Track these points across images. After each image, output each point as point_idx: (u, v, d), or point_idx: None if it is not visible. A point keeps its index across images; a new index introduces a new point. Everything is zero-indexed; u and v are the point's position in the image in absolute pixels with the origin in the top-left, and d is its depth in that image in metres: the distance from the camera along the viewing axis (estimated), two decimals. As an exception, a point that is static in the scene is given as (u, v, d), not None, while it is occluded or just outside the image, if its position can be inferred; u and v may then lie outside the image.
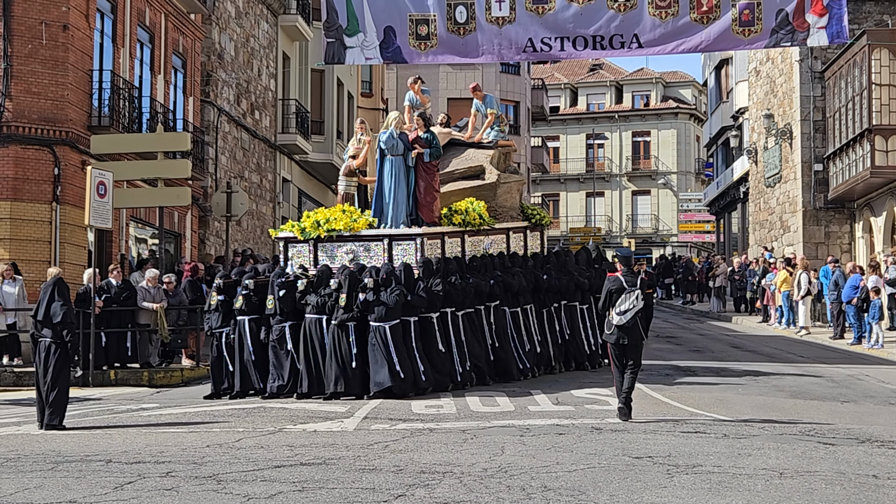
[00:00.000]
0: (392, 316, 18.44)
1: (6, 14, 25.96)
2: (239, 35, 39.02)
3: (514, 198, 23.61)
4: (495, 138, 23.42)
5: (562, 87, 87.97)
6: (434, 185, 20.93)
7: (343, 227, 20.14)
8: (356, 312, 18.57)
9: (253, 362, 19.63)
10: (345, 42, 25.06)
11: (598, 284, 21.78)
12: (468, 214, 21.24)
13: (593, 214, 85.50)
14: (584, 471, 11.23)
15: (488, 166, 22.89)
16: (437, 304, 19.21)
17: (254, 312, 19.74)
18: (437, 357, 19.07)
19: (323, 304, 18.95)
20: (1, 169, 25.82)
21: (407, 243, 20.06)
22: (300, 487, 10.58)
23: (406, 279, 18.93)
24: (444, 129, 23.71)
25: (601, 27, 23.75)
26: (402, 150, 20.56)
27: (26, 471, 11.95)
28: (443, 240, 20.63)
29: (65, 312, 15.85)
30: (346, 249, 20.20)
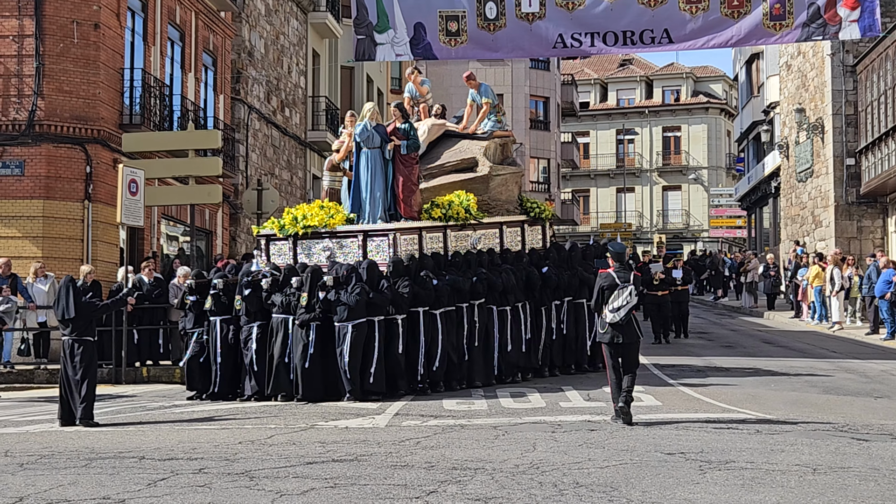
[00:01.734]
0: (354, 315, 17.69)
1: (38, 13, 26.10)
2: (269, 32, 39.10)
3: (510, 190, 22.65)
4: (492, 129, 22.60)
5: (592, 82, 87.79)
6: (413, 179, 20.16)
7: (318, 223, 19.51)
8: (317, 312, 17.93)
9: (220, 364, 19.02)
10: (375, 39, 25.07)
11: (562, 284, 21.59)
12: (451, 208, 20.30)
13: (624, 210, 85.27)
14: (616, 467, 11.20)
15: (481, 158, 22.00)
16: (404, 305, 18.31)
17: (224, 313, 19.16)
18: (394, 360, 18.14)
19: (288, 304, 18.35)
20: (33, 167, 25.97)
21: (381, 239, 19.33)
22: (332, 484, 10.59)
23: (370, 277, 18.07)
24: (439, 120, 22.88)
25: (631, 22, 23.65)
26: (378, 142, 19.81)
27: (60, 467, 12.02)
28: (420, 235, 19.76)
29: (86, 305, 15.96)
30: (323, 246, 19.59)
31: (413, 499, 9.85)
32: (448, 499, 9.82)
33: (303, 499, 9.95)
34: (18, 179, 25.96)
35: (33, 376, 23.15)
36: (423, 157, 21.77)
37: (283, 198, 38.43)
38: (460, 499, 9.82)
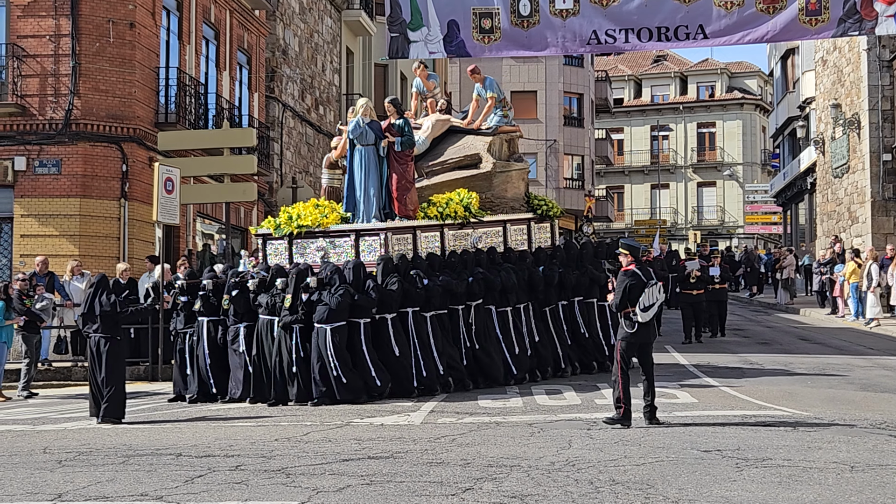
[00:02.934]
0: (335, 318, 17.12)
1: (74, 13, 26.27)
2: (303, 31, 39.19)
3: (516, 187, 21.90)
4: (497, 124, 21.82)
5: (626, 78, 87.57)
6: (408, 176, 19.47)
7: (311, 222, 19.03)
8: (301, 314, 17.41)
9: (209, 365, 18.59)
10: (408, 36, 25.10)
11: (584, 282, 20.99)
12: (448, 206, 19.69)
13: (658, 207, 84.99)
14: (652, 464, 11.18)
15: (485, 154, 21.30)
16: (393, 305, 17.75)
17: (213, 314, 18.74)
18: (394, 362, 17.61)
19: (274, 305, 17.85)
20: (70, 166, 26.13)
21: (373, 239, 18.78)
22: (368, 481, 10.61)
23: (355, 278, 17.56)
24: (444, 115, 22.13)
25: (666, 18, 23.57)
26: (372, 139, 19.19)
27: (98, 464, 12.09)
28: (415, 235, 19.17)
29: (112, 303, 15.97)
30: (318, 246, 19.12)
31: (449, 496, 9.86)
32: (484, 496, 9.82)
33: (339, 496, 9.97)
34: (55, 178, 26.14)
35: (70, 373, 23.30)
36: (427, 153, 21.42)
37: (317, 195, 38.48)
38: (496, 496, 9.82)
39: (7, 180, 26.15)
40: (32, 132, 26.29)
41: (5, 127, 26.31)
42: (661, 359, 23.33)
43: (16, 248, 25.99)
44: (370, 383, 17.34)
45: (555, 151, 62.42)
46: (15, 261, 25.60)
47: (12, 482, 11.11)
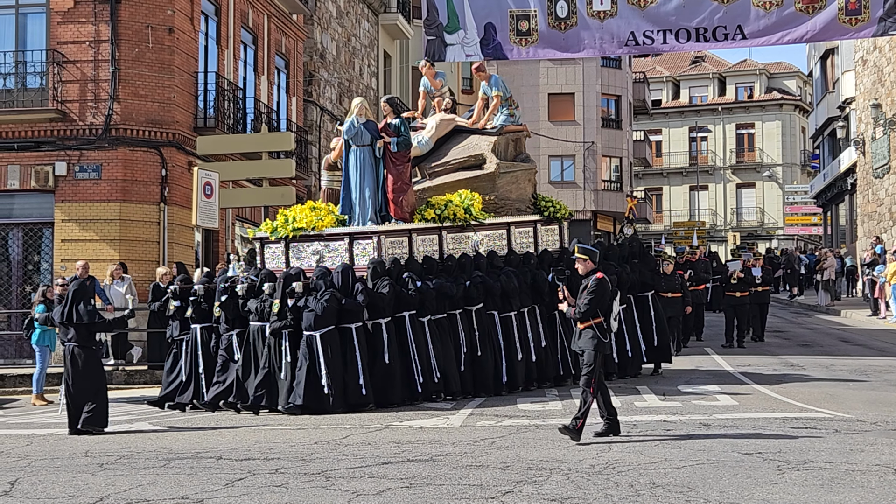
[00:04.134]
0: (322, 323, 16.72)
1: (113, 19, 26.41)
2: (340, 34, 39.28)
3: (522, 188, 21.24)
4: (503, 123, 21.12)
5: (664, 80, 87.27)
6: (404, 178, 18.93)
7: (306, 225, 18.48)
8: (289, 320, 17.00)
9: (203, 373, 18.25)
10: (445, 39, 25.10)
11: (634, 281, 20.63)
12: (447, 209, 19.01)
13: (697, 208, 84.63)
14: (692, 467, 11.13)
15: (489, 154, 20.60)
16: (386, 309, 17.26)
17: (205, 320, 18.46)
18: (382, 369, 17.15)
19: (262, 311, 17.47)
20: (110, 171, 26.28)
21: (367, 242, 18.20)
22: (408, 484, 10.62)
23: (343, 282, 17.12)
24: (448, 115, 21.38)
25: (704, 19, 23.47)
26: (368, 139, 18.64)
27: (139, 467, 12.16)
28: (410, 237, 18.58)
29: (89, 312, 15.58)
30: (313, 250, 18.55)
31: (489, 499, 9.85)
32: (524, 499, 9.81)
33: (379, 499, 9.99)
34: (96, 183, 26.29)
35: (111, 377, 23.39)
36: (431, 154, 20.93)
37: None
38: (536, 499, 9.80)
39: (48, 185, 26.32)
40: (73, 137, 26.45)
41: (46, 133, 26.48)
42: (702, 361, 23.26)
43: (57, 253, 26.15)
44: (356, 393, 16.84)
45: (592, 153, 62.24)
46: (56, 265, 25.77)
47: (54, 485, 11.19)
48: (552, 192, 60.94)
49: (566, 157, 62.23)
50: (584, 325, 13.31)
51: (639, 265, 21.14)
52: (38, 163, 26.39)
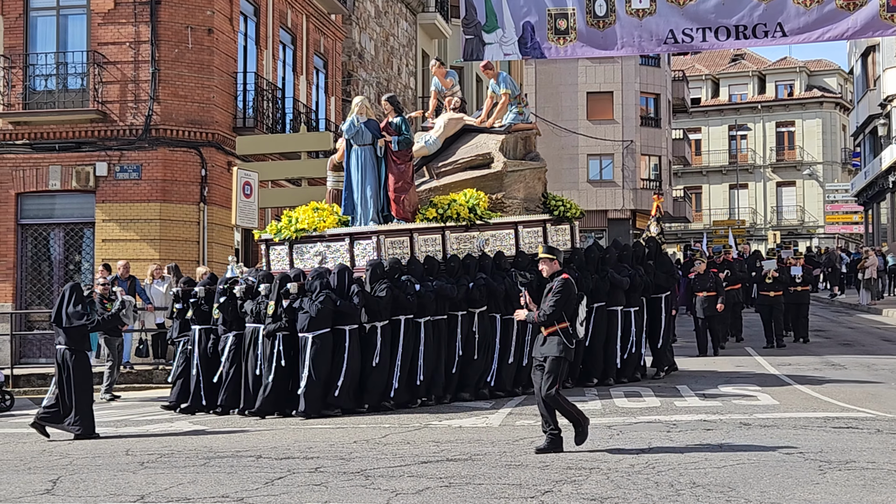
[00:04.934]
0: (316, 325, 16.42)
1: (153, 20, 26.55)
2: (378, 34, 39.33)
3: (531, 188, 20.61)
4: (512, 121, 20.60)
5: (703, 78, 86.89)
6: (406, 177, 18.52)
7: (308, 226, 18.27)
8: (283, 322, 16.75)
9: (199, 375, 18.02)
10: (483, 38, 25.09)
11: (648, 283, 20.25)
12: (450, 208, 18.61)
13: (737, 207, 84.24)
14: (733, 467, 11.07)
15: (496, 153, 20.16)
16: (383, 312, 16.86)
17: (205, 322, 18.30)
18: (370, 372, 16.78)
19: (258, 312, 17.26)
20: (150, 171, 26.43)
21: (367, 242, 17.91)
22: (447, 483, 10.61)
23: (339, 283, 16.83)
24: (457, 114, 20.96)
25: (744, 16, 23.34)
26: (369, 138, 18.31)
27: (179, 466, 12.21)
28: (411, 238, 18.21)
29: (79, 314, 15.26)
30: (316, 251, 18.31)
31: (528, 498, 9.83)
32: (563, 498, 9.78)
33: (418, 498, 9.99)
34: (136, 183, 26.45)
35: (152, 376, 23.57)
36: (440, 153, 20.59)
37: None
38: (575, 498, 9.78)
39: (89, 186, 26.50)
40: (113, 138, 26.62)
41: (87, 133, 26.66)
42: (742, 361, 23.15)
43: (97, 253, 26.31)
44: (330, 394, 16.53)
45: (631, 152, 62.05)
46: (97, 265, 25.93)
47: (96, 483, 11.25)
48: (590, 191, 60.93)
49: (605, 156, 62.09)
50: (548, 331, 12.50)
51: (653, 267, 20.81)
52: (79, 163, 26.58)
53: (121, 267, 23.56)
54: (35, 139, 26.82)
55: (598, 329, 19.47)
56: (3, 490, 11.12)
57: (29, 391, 22.80)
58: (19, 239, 26.95)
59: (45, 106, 26.74)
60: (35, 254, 26.99)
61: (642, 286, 20.12)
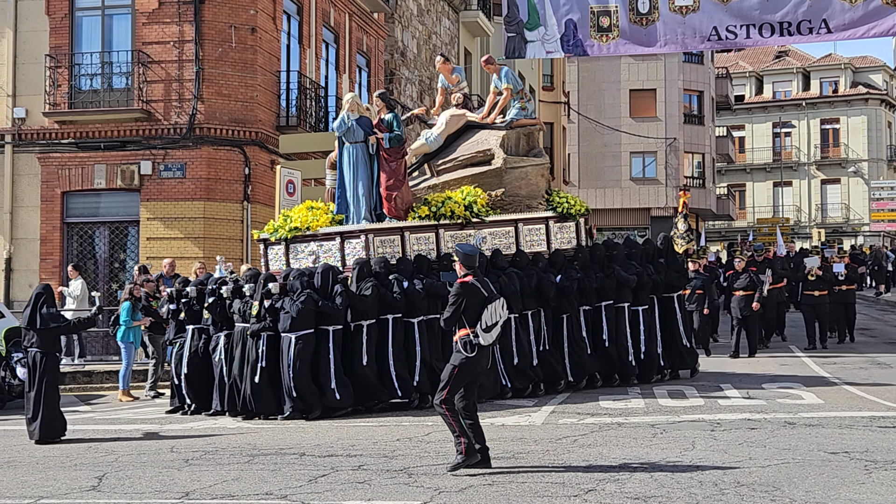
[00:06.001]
0: (298, 326, 16.15)
1: (197, 19, 26.69)
2: (421, 32, 39.36)
3: (533, 184, 19.98)
4: (515, 117, 20.11)
5: (747, 75, 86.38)
6: (398, 175, 18.07)
7: (301, 225, 18.11)
8: (267, 322, 16.51)
9: (184, 375, 17.82)
10: (525, 36, 25.04)
11: (658, 282, 19.59)
12: (444, 206, 18.17)
13: (781, 204, 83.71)
14: (777, 466, 11.01)
15: (497, 150, 19.63)
16: (369, 311, 16.57)
17: (197, 322, 18.06)
18: (360, 372, 16.50)
19: (245, 312, 16.99)
20: (194, 169, 26.57)
21: (357, 241, 17.64)
22: (490, 481, 10.62)
23: (323, 283, 16.50)
24: (459, 110, 20.54)
25: (788, 13, 23.19)
26: (361, 136, 18.01)
27: (224, 463, 12.28)
28: (402, 236, 17.84)
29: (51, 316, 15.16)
30: (310, 250, 18.11)
31: (571, 497, 9.82)
32: (607, 497, 9.77)
33: (461, 496, 9.99)
34: (180, 182, 26.60)
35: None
36: (442, 150, 20.22)
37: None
38: (619, 497, 9.76)
39: (133, 184, 26.68)
40: (157, 137, 26.79)
41: (132, 132, 26.85)
42: (786, 360, 23.02)
43: (142, 251, 26.50)
44: (329, 397, 16.25)
45: (675, 150, 61.78)
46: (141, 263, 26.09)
47: (141, 480, 11.34)
48: (633, 188, 60.72)
49: (648, 154, 61.86)
50: (455, 338, 11.86)
51: (664, 266, 20.15)
52: (124, 162, 26.77)
53: (166, 265, 23.69)
54: (80, 138, 27.04)
55: (608, 327, 19.02)
56: (50, 486, 11.23)
57: (75, 388, 22.97)
58: (65, 237, 27.18)
59: (90, 105, 26.95)
60: (80, 252, 27.21)
61: (650, 284, 19.54)
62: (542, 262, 18.76)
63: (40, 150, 27.22)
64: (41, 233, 27.07)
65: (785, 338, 27.65)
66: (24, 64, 27.33)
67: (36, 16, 27.30)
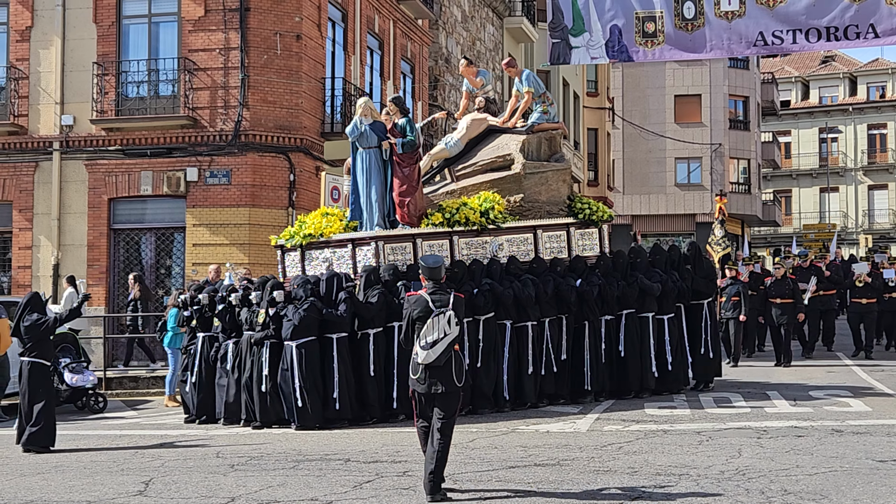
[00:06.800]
0: (301, 334, 15.97)
1: (243, 26, 26.83)
2: (465, 39, 39.39)
3: (554, 190, 19.43)
4: (536, 121, 19.58)
5: (793, 80, 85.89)
6: (412, 181, 17.77)
7: (314, 231, 17.87)
8: (270, 330, 16.31)
9: (194, 384, 17.71)
10: (570, 42, 24.95)
11: (684, 289, 19.02)
12: (458, 213, 17.79)
13: (827, 210, 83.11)
14: (825, 474, 10.93)
15: (517, 154, 19.08)
16: (376, 319, 16.30)
17: (208, 330, 17.95)
18: (368, 383, 16.26)
19: (252, 320, 16.88)
20: (240, 176, 26.69)
21: (368, 248, 17.29)
22: (534, 488, 10.61)
23: (327, 290, 16.35)
24: (480, 114, 20.07)
25: (835, 18, 23.01)
26: (375, 141, 17.78)
27: (269, 469, 12.32)
28: (414, 243, 17.44)
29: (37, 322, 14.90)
30: (324, 257, 17.86)
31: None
32: (652, 505, 9.73)
33: (506, 503, 9.98)
34: (225, 188, 26.73)
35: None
36: (463, 155, 19.71)
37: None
38: (665, 505, 9.72)
39: (179, 191, 26.83)
40: (203, 143, 26.93)
41: (177, 139, 27.01)
42: (834, 367, 22.85)
43: (188, 257, 26.64)
44: (330, 407, 16.02)
45: (720, 155, 61.51)
46: (187, 269, 26.24)
47: (187, 485, 11.39)
48: (678, 194, 60.47)
49: (693, 160, 61.62)
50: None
51: (691, 272, 19.55)
52: (170, 168, 26.93)
53: (212, 271, 23.76)
54: (127, 145, 27.23)
55: (630, 337, 18.42)
56: (97, 491, 11.30)
57: (121, 393, 23.15)
58: (112, 243, 27.37)
59: (136, 112, 27.15)
60: (127, 258, 27.39)
61: (675, 292, 18.95)
62: (560, 268, 18.25)
63: (87, 157, 27.43)
64: (88, 239, 27.27)
65: (830, 347, 26.89)
66: (72, 72, 27.57)
67: (84, 24, 27.54)
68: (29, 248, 27.51)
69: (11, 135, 27.70)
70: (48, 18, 27.75)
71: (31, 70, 27.71)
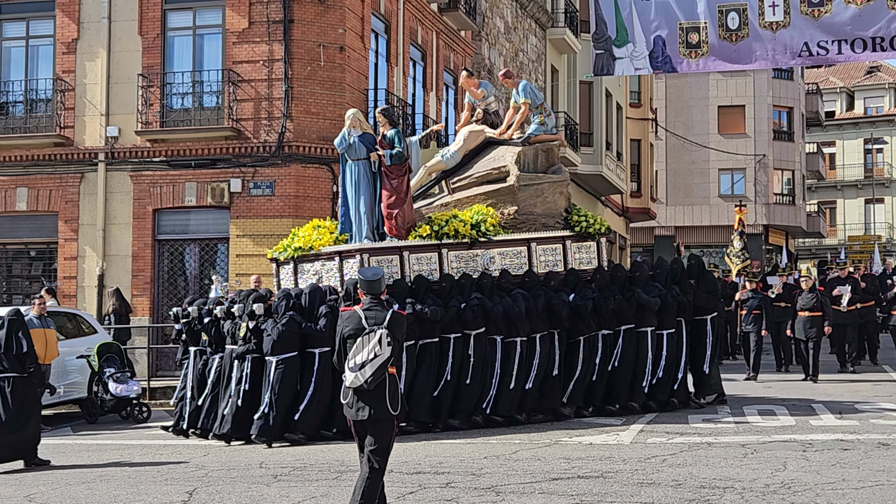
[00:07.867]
0: (280, 349, 15.80)
1: (286, 38, 26.95)
2: (508, 50, 39.40)
3: (550, 202, 19.06)
4: (533, 132, 19.24)
5: (837, 90, 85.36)
6: (401, 193, 17.53)
7: (304, 244, 17.74)
8: (252, 344, 16.18)
9: (187, 398, 17.56)
10: (614, 53, 24.91)
11: (685, 303, 18.45)
12: (447, 225, 17.52)
13: (873, 222, 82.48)
14: (871, 488, 10.83)
15: (512, 166, 18.74)
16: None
17: (197, 343, 17.85)
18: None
19: (234, 333, 16.75)
20: (283, 187, 26.80)
21: (354, 261, 16.98)
22: (578, 500, 10.57)
23: (309, 304, 16.20)
24: (478, 126, 19.73)
25: (881, 28, 22.85)
26: (364, 153, 17.65)
27: (312, 479, 12.35)
28: (401, 256, 17.17)
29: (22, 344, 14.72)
30: (314, 270, 17.66)
31: (661, 517, 9.74)
32: (697, 518, 9.68)
33: (549, 515, 9.97)
34: (269, 199, 26.85)
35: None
36: (460, 167, 19.36)
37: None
38: (709, 518, 9.66)
39: (223, 202, 26.97)
40: (247, 155, 27.06)
41: (221, 150, 27.15)
42: (879, 380, 22.65)
43: (231, 268, 26.77)
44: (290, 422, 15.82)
45: (764, 166, 61.23)
46: (231, 280, 26.35)
47: (231, 495, 11.43)
48: (722, 205, 60.18)
49: (736, 171, 61.37)
50: None
51: (694, 287, 18.97)
52: (214, 179, 27.07)
53: (253, 282, 23.87)
54: (171, 156, 27.39)
55: (626, 352, 17.93)
56: (142, 501, 11.37)
57: (165, 403, 23.26)
58: (156, 254, 27.54)
59: (181, 124, 27.31)
60: (171, 268, 27.56)
61: (675, 307, 18.31)
62: (553, 282, 17.76)
63: (132, 169, 27.62)
64: (133, 250, 27.44)
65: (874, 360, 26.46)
66: (118, 83, 27.77)
67: (129, 36, 27.75)
68: (74, 258, 27.71)
69: (57, 146, 27.92)
70: (94, 31, 27.98)
71: (77, 82, 27.94)
